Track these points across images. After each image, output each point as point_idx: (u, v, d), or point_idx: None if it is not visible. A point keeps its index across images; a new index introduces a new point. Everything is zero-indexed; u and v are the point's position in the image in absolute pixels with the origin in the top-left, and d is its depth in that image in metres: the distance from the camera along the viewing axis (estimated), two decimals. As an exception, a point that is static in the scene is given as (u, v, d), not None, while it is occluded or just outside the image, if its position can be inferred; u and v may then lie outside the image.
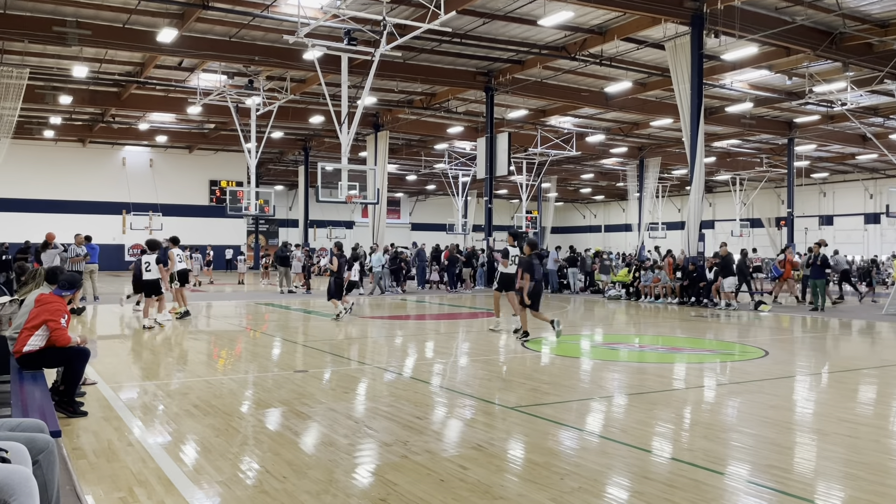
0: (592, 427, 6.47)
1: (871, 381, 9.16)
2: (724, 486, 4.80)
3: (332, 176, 19.88)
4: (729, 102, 28.69)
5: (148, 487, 4.60)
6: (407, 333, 14.17)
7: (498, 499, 4.44)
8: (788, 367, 10.08)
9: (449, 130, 34.66)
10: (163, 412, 6.74)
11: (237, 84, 26.38)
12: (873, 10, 19.08)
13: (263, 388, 8.07)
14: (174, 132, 38.39)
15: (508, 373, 9.54)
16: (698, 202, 20.78)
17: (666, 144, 38.86)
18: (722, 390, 8.37)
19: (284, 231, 53.96)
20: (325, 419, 6.49)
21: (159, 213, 39.77)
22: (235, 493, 4.52)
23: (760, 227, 49.22)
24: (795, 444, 5.95)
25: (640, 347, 12.30)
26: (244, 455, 5.38)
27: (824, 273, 19.21)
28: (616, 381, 8.77)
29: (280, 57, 23.23)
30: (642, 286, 22.68)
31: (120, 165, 42.25)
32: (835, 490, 4.77)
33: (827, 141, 35.14)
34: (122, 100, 29.40)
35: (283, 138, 38.98)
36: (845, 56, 21.20)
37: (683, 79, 20.37)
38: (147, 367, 9.78)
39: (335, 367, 9.78)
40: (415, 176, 50.14)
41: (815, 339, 13.67)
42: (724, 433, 6.18)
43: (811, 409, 7.36)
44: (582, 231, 66.60)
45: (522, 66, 24.99)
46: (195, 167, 43.93)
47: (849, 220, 47.96)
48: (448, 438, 6.03)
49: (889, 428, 6.67)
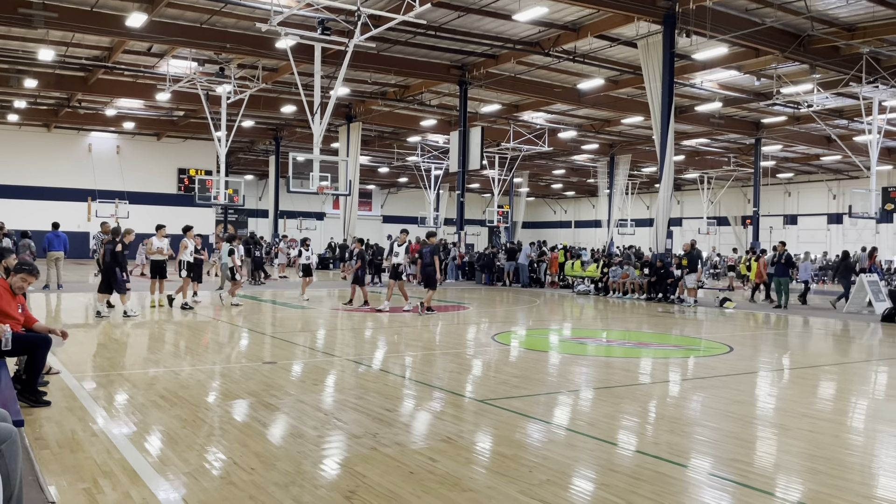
0: (560, 420, 6.54)
1: (831, 377, 9.38)
2: (687, 479, 4.89)
3: (303, 166, 19.74)
4: (699, 102, 29.05)
5: (112, 478, 4.54)
6: (377, 326, 14.15)
7: (467, 491, 4.47)
8: (752, 363, 10.28)
9: (422, 123, 34.58)
10: (128, 403, 6.65)
11: (208, 71, 26.01)
12: (841, 13, 19.44)
13: (231, 379, 8.00)
14: (142, 119, 37.74)
15: (478, 366, 9.59)
16: (667, 200, 21.02)
17: (636, 142, 39.25)
18: (687, 385, 8.51)
19: (254, 221, 53.46)
20: (293, 411, 6.46)
21: (126, 200, 39.08)
22: (202, 484, 4.48)
23: (727, 226, 50.01)
24: (757, 439, 6.07)
25: (607, 342, 12.43)
26: (211, 446, 5.34)
27: (788, 271, 19.63)
28: (584, 375, 8.86)
29: (252, 45, 22.94)
30: (611, 282, 22.92)
31: (86, 151, 41.44)
32: (794, 483, 4.88)
33: (793, 142, 35.77)
34: (89, 85, 28.82)
35: (254, 127, 38.56)
36: (812, 58, 21.58)
37: (655, 77, 20.57)
38: (112, 356, 9.64)
39: (304, 358, 9.73)
40: (387, 168, 49.96)
41: (778, 336, 13.94)
42: (689, 427, 6.28)
43: (773, 405, 7.51)
44: (552, 226, 66.99)
45: (496, 61, 25.01)
46: (163, 155, 43.26)
47: (812, 219, 48.90)
48: (417, 431, 6.05)
49: (847, 423, 6.84)
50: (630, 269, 22.73)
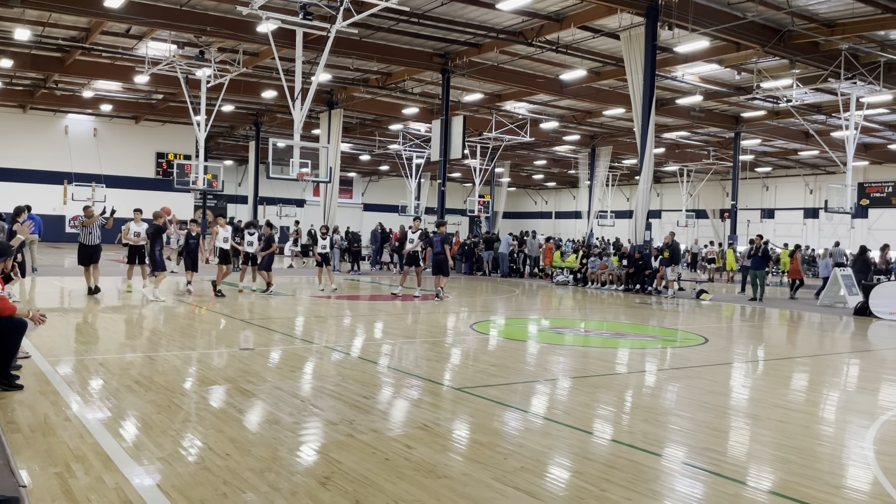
0: (536, 409, 6.58)
1: (803, 369, 9.53)
2: (661, 468, 4.94)
3: (283, 152, 19.56)
4: (679, 95, 29.19)
5: (85, 463, 4.51)
6: (356, 314, 14.14)
7: (442, 478, 4.49)
8: (726, 354, 10.41)
9: (404, 111, 34.42)
10: (102, 387, 6.60)
11: (187, 55, 25.66)
12: (821, 9, 19.60)
13: (208, 365, 7.96)
14: (120, 101, 37.17)
15: (456, 355, 9.61)
16: (647, 192, 21.15)
17: (617, 134, 39.38)
18: (662, 375, 8.60)
19: (233, 207, 53.02)
20: (270, 397, 6.45)
21: (103, 184, 38.58)
22: (177, 469, 4.46)
23: (705, 219, 50.42)
24: (731, 429, 6.16)
25: (585, 332, 12.52)
26: (186, 432, 5.31)
27: (764, 264, 19.88)
28: (561, 365, 8.92)
29: (233, 28, 22.65)
30: (589, 273, 23.06)
31: (62, 134, 40.80)
32: (766, 472, 4.96)
33: (771, 136, 36.09)
34: (66, 65, 28.32)
35: (234, 112, 38.14)
36: (792, 53, 21.74)
37: (637, 69, 20.63)
38: (87, 341, 9.54)
39: (282, 345, 9.70)
40: (368, 156, 49.72)
41: (753, 328, 14.12)
42: (664, 417, 6.35)
43: (747, 395, 7.62)
44: (533, 217, 67.15)
45: (479, 50, 24.94)
46: (141, 138, 42.70)
47: (789, 213, 49.44)
48: (394, 418, 6.06)
49: (818, 414, 6.95)
50: (609, 260, 22.87)
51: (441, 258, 16.88)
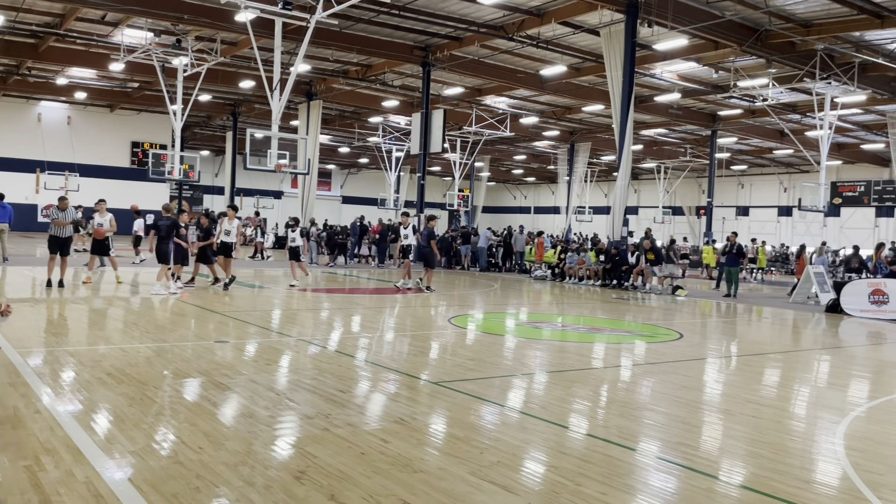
0: (513, 403, 6.59)
1: (775, 365, 9.65)
2: (635, 462, 4.98)
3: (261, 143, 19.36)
4: (658, 92, 29.38)
5: (56, 456, 4.44)
6: (333, 307, 14.07)
7: (418, 472, 4.48)
8: (700, 349, 10.51)
9: (384, 104, 34.29)
10: (74, 379, 6.50)
11: (164, 43, 25.33)
12: (798, 9, 19.82)
13: (182, 357, 7.88)
14: (95, 89, 36.61)
15: (434, 348, 9.61)
16: (625, 188, 21.28)
17: (596, 130, 39.58)
18: (638, 370, 8.66)
19: (209, 198, 52.53)
20: (245, 390, 6.39)
21: (76, 173, 38.01)
22: (149, 463, 4.41)
23: (682, 215, 50.92)
24: (704, 423, 6.22)
25: (562, 327, 12.58)
26: (159, 425, 5.25)
27: (738, 261, 20.12)
28: (538, 359, 8.95)
29: (210, 17, 22.38)
30: (567, 268, 23.16)
31: (35, 121, 40.10)
32: (738, 467, 5.02)
33: (747, 134, 36.49)
34: (40, 52, 27.82)
35: (211, 102, 37.75)
36: (769, 53, 21.98)
37: (616, 66, 20.73)
38: (58, 332, 9.40)
39: (258, 338, 9.62)
40: (347, 148, 49.50)
41: (727, 325, 14.28)
42: (639, 411, 6.40)
43: (720, 391, 7.70)
44: (512, 212, 67.32)
45: (460, 44, 24.89)
46: (116, 127, 42.11)
47: (763, 211, 50.07)
48: (370, 412, 6.04)
49: (790, 410, 7.05)
50: (586, 256, 23.00)
51: (427, 251, 17.38)
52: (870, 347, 12.04)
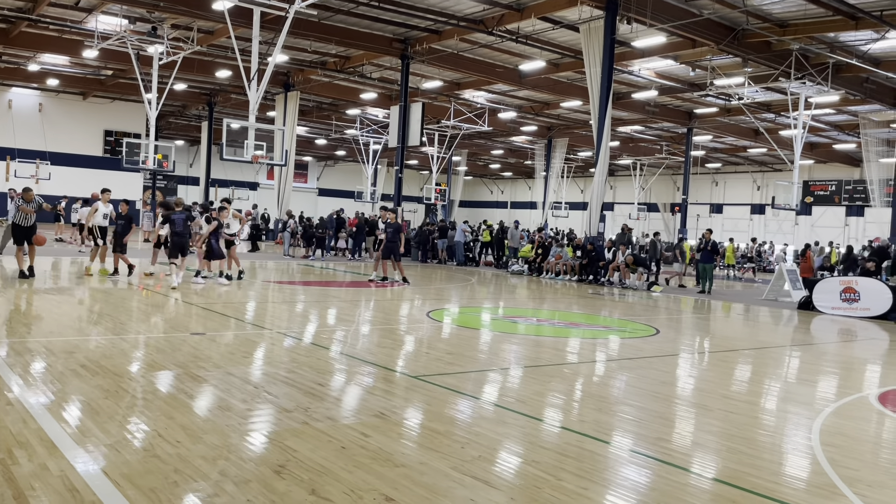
0: (491, 397, 6.61)
1: (750, 360, 9.78)
2: (612, 456, 5.02)
3: (237, 134, 19.21)
4: (635, 89, 29.56)
5: (29, 449, 4.36)
6: (309, 300, 13.99)
7: (399, 466, 4.47)
8: (676, 345, 10.62)
9: (362, 96, 34.09)
10: (46, 371, 6.39)
11: (139, 30, 24.92)
12: (775, 9, 20.03)
13: (157, 349, 7.78)
14: (67, 76, 35.93)
15: (411, 342, 9.60)
16: (601, 184, 21.39)
17: (574, 126, 39.72)
18: (614, 365, 8.72)
19: (184, 189, 51.90)
20: (222, 383, 6.33)
21: (47, 161, 37.33)
22: (124, 456, 4.34)
23: (657, 212, 51.38)
24: (680, 418, 6.28)
25: (538, 322, 12.63)
26: (134, 417, 5.18)
27: (713, 258, 20.35)
28: (515, 354, 8.97)
29: (187, 5, 22.07)
30: (546, 263, 23.25)
31: (5, 108, 39.26)
32: (713, 462, 5.07)
33: (722, 133, 36.87)
34: (11, 37, 27.22)
35: (187, 91, 37.24)
36: (745, 52, 22.20)
37: (595, 62, 20.80)
38: (30, 322, 9.23)
39: (235, 330, 9.53)
40: (324, 140, 49.17)
41: (702, 321, 14.44)
42: (615, 406, 6.45)
43: (695, 386, 7.78)
44: (489, 206, 67.42)
45: (440, 37, 24.81)
46: (89, 115, 41.39)
47: (737, 209, 50.68)
48: (350, 406, 6.02)
49: (765, 405, 7.14)
50: (563, 251, 23.11)
51: (392, 245, 17.34)
52: (841, 344, 12.26)
